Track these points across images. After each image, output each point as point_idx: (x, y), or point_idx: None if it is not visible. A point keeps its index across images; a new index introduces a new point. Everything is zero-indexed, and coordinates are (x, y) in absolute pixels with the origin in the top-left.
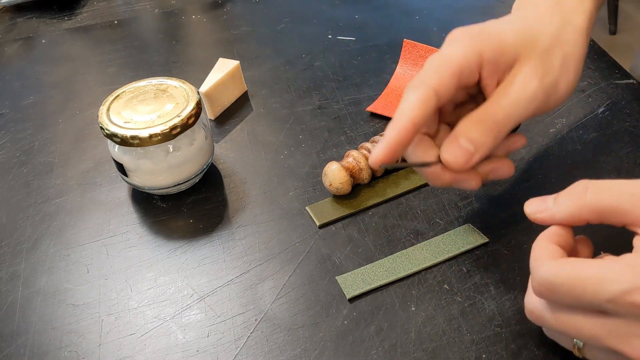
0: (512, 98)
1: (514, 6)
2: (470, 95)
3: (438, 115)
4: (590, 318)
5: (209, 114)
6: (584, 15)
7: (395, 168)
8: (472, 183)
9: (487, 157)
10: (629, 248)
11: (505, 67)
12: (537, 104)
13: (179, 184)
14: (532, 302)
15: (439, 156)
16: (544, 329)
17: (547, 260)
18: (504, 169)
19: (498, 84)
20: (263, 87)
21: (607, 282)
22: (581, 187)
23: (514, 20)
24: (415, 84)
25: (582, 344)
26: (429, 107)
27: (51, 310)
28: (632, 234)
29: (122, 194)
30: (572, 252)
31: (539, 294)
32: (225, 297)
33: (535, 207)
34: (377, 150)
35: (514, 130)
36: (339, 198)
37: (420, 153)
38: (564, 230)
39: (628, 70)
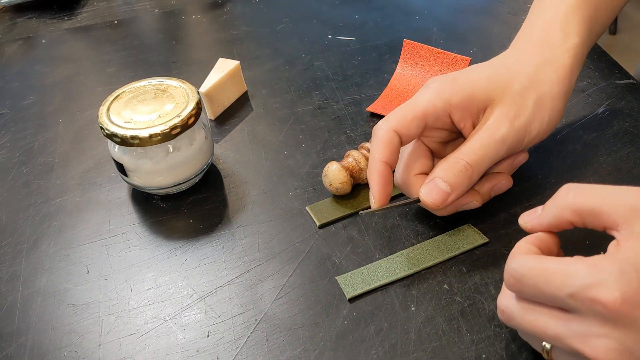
0: (484, 142)
1: (514, 40)
2: (458, 134)
3: (431, 154)
4: (555, 317)
5: (209, 114)
6: (569, 52)
7: (386, 209)
8: (474, 203)
9: (484, 176)
10: None
11: (478, 111)
12: (508, 145)
13: (179, 184)
14: (503, 302)
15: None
16: (518, 332)
17: (519, 254)
18: (503, 184)
19: (474, 125)
20: (263, 87)
21: (569, 277)
22: (564, 190)
23: (492, 64)
24: (380, 125)
25: (550, 346)
26: (392, 145)
27: (51, 310)
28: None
29: (122, 194)
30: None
31: (508, 284)
32: (225, 297)
33: (526, 217)
34: (373, 201)
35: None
36: (339, 198)
37: (412, 192)
38: (548, 236)
39: (630, 72)
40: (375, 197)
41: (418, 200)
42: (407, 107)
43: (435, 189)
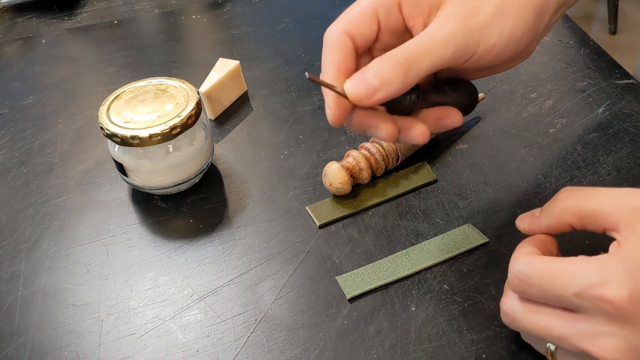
0: (428, 35)
1: None
2: None
3: (355, 56)
4: (560, 317)
5: (209, 114)
6: None
7: (320, 83)
8: (382, 132)
9: (431, 108)
10: None
11: (430, 8)
12: (456, 46)
13: (179, 184)
14: (507, 304)
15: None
16: (521, 334)
17: (522, 255)
18: (453, 117)
19: (425, 26)
20: (263, 87)
21: (575, 276)
22: (563, 193)
23: None
24: (329, 30)
25: (554, 348)
26: (345, 48)
27: (51, 310)
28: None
29: (122, 194)
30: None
31: (512, 286)
32: (225, 297)
33: (524, 219)
34: (329, 112)
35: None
36: (339, 198)
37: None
38: (547, 237)
39: (629, 71)
40: (331, 106)
41: (338, 90)
42: (356, 5)
43: (361, 81)
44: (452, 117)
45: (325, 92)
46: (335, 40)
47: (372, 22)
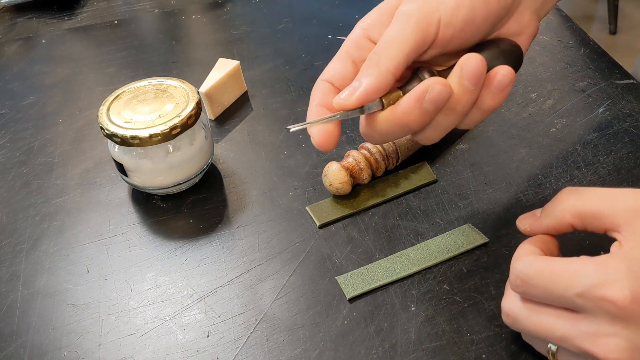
0: (389, 26)
1: None
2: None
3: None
4: (562, 318)
5: (209, 114)
6: None
7: (312, 123)
8: (465, 63)
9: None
10: None
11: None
12: (415, 21)
13: (179, 184)
14: (508, 304)
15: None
16: (522, 335)
17: (524, 256)
18: (501, 74)
19: None
20: (263, 87)
21: (577, 276)
22: (564, 194)
23: None
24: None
25: (555, 348)
26: (324, 90)
27: (51, 310)
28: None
29: (122, 194)
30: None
31: (514, 286)
32: (225, 297)
33: (525, 220)
34: (313, 139)
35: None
36: (339, 198)
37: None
38: (548, 237)
39: (629, 71)
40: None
41: (335, 117)
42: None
43: (345, 90)
44: (500, 73)
45: (308, 127)
46: (316, 86)
47: (345, 63)
